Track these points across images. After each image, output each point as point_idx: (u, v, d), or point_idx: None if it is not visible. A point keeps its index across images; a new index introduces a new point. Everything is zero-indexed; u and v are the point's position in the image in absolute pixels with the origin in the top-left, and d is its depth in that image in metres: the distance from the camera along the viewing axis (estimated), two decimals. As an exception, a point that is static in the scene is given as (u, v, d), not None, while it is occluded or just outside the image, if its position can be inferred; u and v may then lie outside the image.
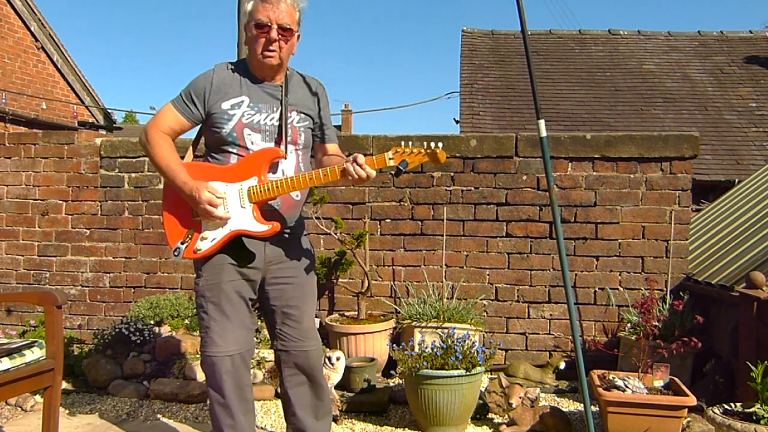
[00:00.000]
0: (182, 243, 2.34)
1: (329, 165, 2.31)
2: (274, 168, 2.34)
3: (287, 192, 2.28)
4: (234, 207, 2.28)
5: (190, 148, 2.53)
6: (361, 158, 2.18)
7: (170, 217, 2.40)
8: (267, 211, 2.30)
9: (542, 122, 2.50)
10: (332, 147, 2.52)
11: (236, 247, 2.32)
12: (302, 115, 2.42)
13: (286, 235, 2.43)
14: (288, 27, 2.29)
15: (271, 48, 2.28)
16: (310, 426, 2.51)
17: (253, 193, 2.26)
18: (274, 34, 2.27)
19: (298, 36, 2.38)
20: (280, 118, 2.35)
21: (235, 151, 2.33)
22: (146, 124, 2.44)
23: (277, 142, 2.35)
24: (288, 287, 2.44)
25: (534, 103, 2.53)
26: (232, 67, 2.40)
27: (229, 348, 2.33)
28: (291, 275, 2.44)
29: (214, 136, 2.35)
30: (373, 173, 2.19)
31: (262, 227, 2.27)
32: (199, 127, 2.46)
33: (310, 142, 2.48)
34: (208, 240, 2.31)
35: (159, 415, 3.38)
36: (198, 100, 2.34)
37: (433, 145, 2.13)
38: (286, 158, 2.34)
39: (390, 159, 2.16)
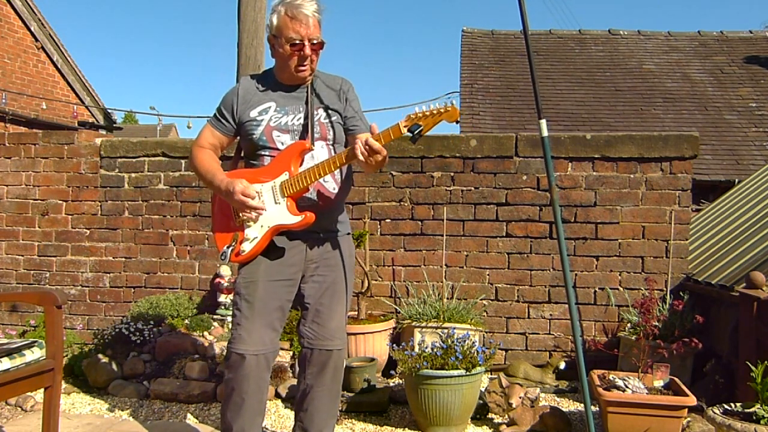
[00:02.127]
0: (228, 247, 2.42)
1: None
2: (304, 163, 2.38)
3: (316, 179, 2.31)
4: (270, 204, 2.35)
5: (231, 163, 2.63)
6: (364, 137, 2.17)
7: (217, 226, 2.52)
8: (302, 206, 2.35)
9: (544, 122, 2.50)
10: (364, 136, 2.49)
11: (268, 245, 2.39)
12: (329, 111, 2.47)
13: (329, 234, 2.49)
14: (319, 41, 2.36)
15: (305, 63, 2.37)
16: (317, 425, 2.52)
17: (285, 187, 2.32)
18: (307, 51, 2.34)
19: None
20: (306, 117, 2.41)
21: (267, 153, 2.42)
22: (191, 146, 2.58)
23: (304, 139, 2.41)
24: (322, 286, 2.48)
25: (536, 103, 2.53)
26: (257, 77, 2.52)
27: (257, 347, 2.36)
28: (326, 273, 2.48)
29: (249, 144, 2.46)
30: (383, 149, 2.15)
31: (295, 218, 2.32)
32: (237, 143, 2.59)
33: (342, 137, 2.52)
34: (250, 241, 2.37)
35: (159, 415, 3.38)
36: (228, 114, 2.47)
37: (445, 103, 2.11)
38: (313, 149, 2.39)
39: (404, 126, 2.15)
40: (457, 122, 2.22)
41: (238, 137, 2.54)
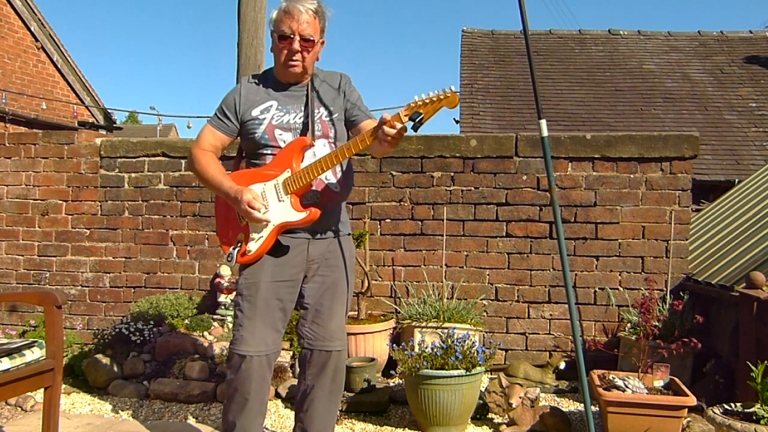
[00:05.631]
0: (234, 249, 2.42)
1: None
2: (305, 160, 2.38)
3: (320, 174, 2.29)
4: (273, 203, 2.34)
5: (234, 164, 2.61)
6: (387, 116, 2.15)
7: (222, 229, 2.53)
8: (306, 205, 2.35)
9: (544, 122, 2.50)
10: (369, 123, 2.48)
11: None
12: (330, 109, 2.48)
13: (330, 234, 2.48)
14: (310, 38, 2.36)
15: (294, 58, 2.37)
16: (317, 426, 2.52)
17: (288, 184, 2.32)
18: (296, 45, 2.35)
19: (323, 43, 2.47)
20: (306, 115, 2.41)
21: (269, 152, 2.42)
22: (190, 147, 2.55)
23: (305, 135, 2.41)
24: (322, 286, 2.48)
25: (535, 103, 2.53)
26: (258, 77, 2.53)
27: (259, 348, 2.36)
28: (326, 274, 2.48)
29: (250, 143, 2.46)
30: (404, 127, 2.13)
31: (300, 215, 2.32)
32: (238, 145, 2.58)
33: (344, 135, 2.52)
34: (256, 241, 2.37)
35: (159, 415, 3.38)
36: (230, 114, 2.46)
37: (444, 89, 2.08)
38: (314, 145, 2.39)
39: (405, 115, 2.13)
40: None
41: (239, 138, 2.53)
